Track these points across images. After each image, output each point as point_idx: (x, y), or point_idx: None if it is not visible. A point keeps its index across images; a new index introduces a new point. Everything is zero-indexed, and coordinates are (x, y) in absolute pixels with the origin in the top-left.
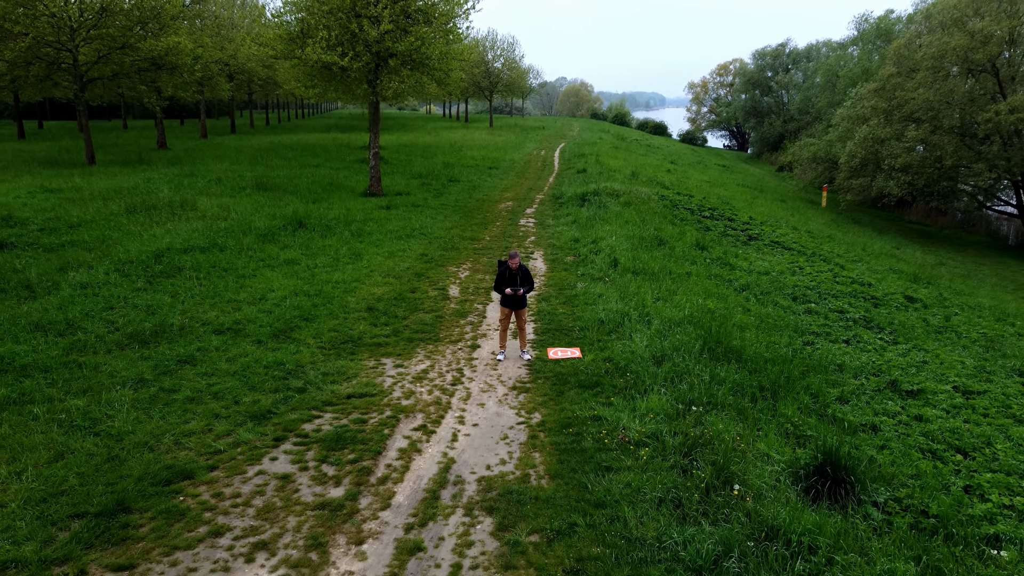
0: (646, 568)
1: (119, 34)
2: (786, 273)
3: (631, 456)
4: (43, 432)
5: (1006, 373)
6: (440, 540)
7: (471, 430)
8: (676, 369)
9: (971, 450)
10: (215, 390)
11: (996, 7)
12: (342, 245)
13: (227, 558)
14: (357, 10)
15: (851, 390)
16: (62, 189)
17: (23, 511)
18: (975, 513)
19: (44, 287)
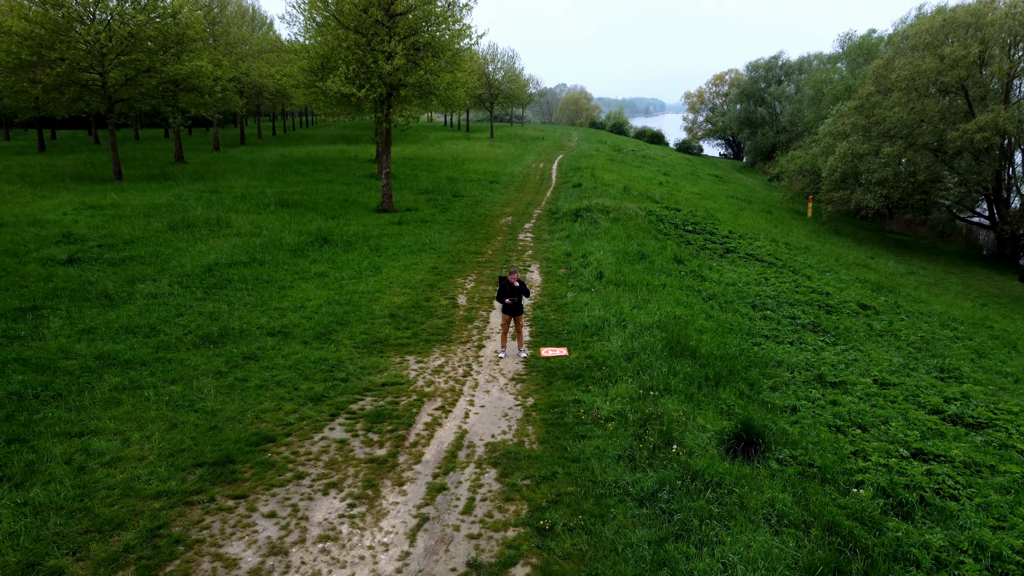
0: (604, 499)
1: (145, 58)
2: (752, 284)
3: (601, 428)
4: (156, 409)
5: (926, 369)
6: (458, 483)
7: (479, 410)
8: (642, 364)
9: (870, 426)
10: (277, 380)
11: (964, 33)
12: (363, 259)
13: (309, 492)
14: (372, 46)
15: (783, 381)
16: (103, 206)
17: (159, 462)
18: (852, 467)
19: (121, 297)
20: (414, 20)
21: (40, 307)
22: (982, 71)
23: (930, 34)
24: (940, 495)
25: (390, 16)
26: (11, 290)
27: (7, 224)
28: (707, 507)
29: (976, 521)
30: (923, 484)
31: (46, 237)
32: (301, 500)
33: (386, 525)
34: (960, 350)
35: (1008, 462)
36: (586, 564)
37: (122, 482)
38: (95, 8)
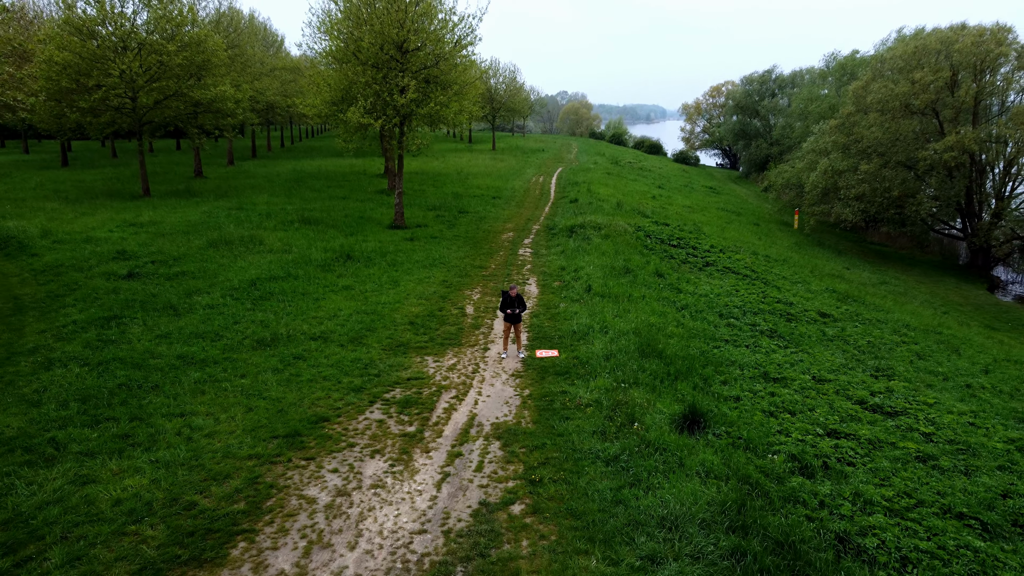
0: (580, 461)
1: (173, 84)
2: (723, 295)
3: (581, 411)
4: (233, 397)
5: (864, 369)
6: (471, 451)
7: (486, 399)
8: (617, 362)
9: (798, 412)
10: (323, 375)
11: (934, 59)
12: (382, 274)
13: (360, 456)
14: (388, 80)
15: (733, 377)
16: (143, 223)
17: (245, 435)
18: (774, 441)
19: (184, 308)
20: (424, 56)
21: (120, 316)
22: (953, 94)
23: (903, 59)
24: (840, 462)
25: (402, 52)
26: (88, 301)
27: (64, 241)
28: (655, 465)
29: (863, 480)
30: (828, 454)
31: (102, 253)
32: (354, 461)
33: (418, 479)
34: (903, 353)
35: (907, 441)
36: (564, 503)
37: (221, 448)
38: (128, 39)
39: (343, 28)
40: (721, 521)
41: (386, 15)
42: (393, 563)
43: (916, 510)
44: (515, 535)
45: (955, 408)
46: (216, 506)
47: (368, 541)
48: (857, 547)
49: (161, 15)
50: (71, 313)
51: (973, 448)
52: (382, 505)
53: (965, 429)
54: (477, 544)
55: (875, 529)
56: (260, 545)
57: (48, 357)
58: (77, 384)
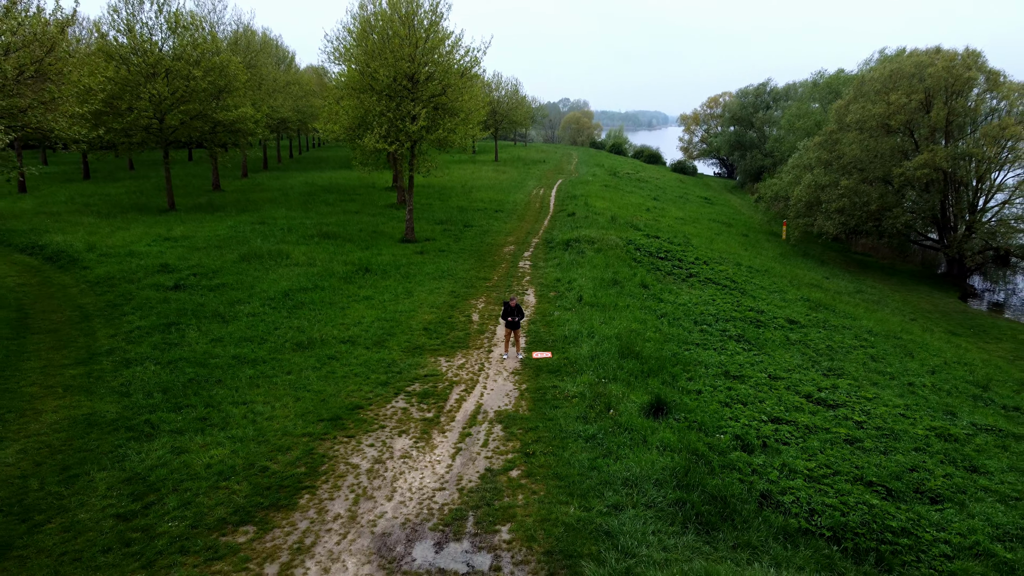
0: (565, 439)
1: (199, 106)
2: (700, 304)
3: (568, 401)
4: (283, 390)
5: (818, 369)
6: (478, 432)
7: (490, 392)
8: (600, 362)
9: (750, 403)
10: (354, 372)
11: (908, 83)
12: (398, 285)
13: (390, 435)
14: (401, 109)
15: (698, 374)
16: (176, 238)
17: (297, 418)
18: (723, 424)
19: (230, 316)
20: (433, 86)
21: (177, 323)
22: (927, 114)
23: (880, 81)
24: (777, 441)
25: (413, 82)
26: (145, 310)
27: (110, 255)
28: (623, 441)
29: (793, 455)
30: (768, 435)
31: (147, 267)
32: (386, 439)
33: (437, 452)
34: (858, 356)
35: (840, 427)
36: (551, 469)
37: (280, 428)
38: (157, 65)
39: (359, 59)
40: (671, 481)
41: (399, 49)
42: (420, 510)
43: (832, 478)
44: (513, 491)
45: (892, 402)
46: (283, 470)
47: (401, 495)
48: (777, 502)
49: (188, 42)
50: (133, 320)
51: (897, 433)
52: (410, 470)
53: (895, 419)
54: (484, 497)
55: (793, 489)
56: (320, 497)
57: (125, 357)
58: (155, 379)
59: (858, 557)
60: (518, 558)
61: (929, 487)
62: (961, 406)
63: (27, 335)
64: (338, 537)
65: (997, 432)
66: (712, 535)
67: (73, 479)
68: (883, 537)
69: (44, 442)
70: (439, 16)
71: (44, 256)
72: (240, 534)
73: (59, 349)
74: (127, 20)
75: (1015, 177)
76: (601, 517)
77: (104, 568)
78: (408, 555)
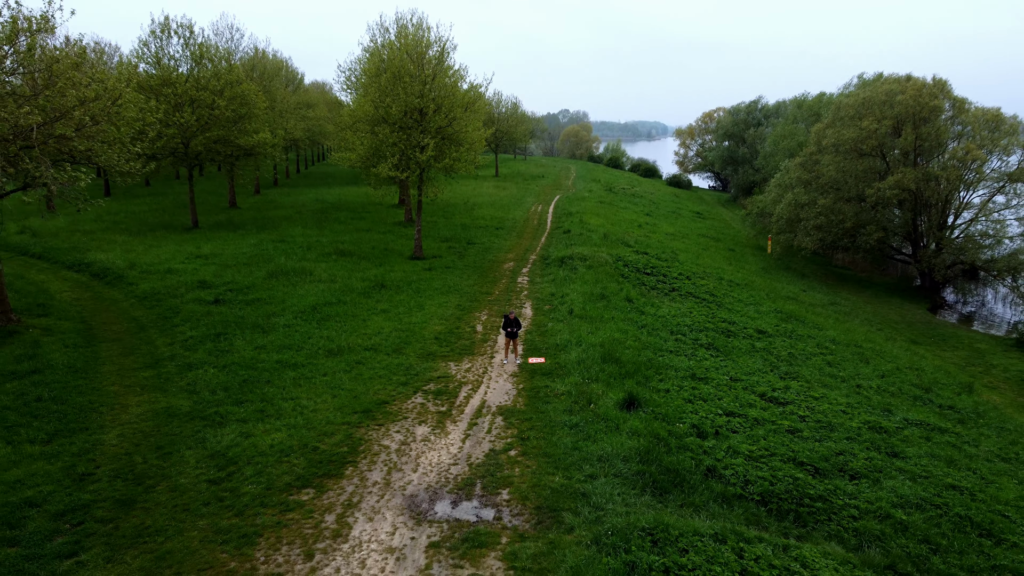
0: (554, 427)
1: (222, 132)
2: (678, 316)
3: (557, 398)
4: (322, 388)
5: (776, 373)
6: (483, 422)
7: (493, 390)
8: (586, 366)
9: (710, 400)
10: (379, 375)
11: (879, 110)
12: (410, 300)
13: (413, 424)
14: (411, 140)
15: (668, 376)
16: (205, 255)
17: (336, 411)
18: (685, 416)
19: (268, 327)
20: (441, 119)
21: (224, 333)
22: (899, 138)
23: (854, 108)
24: (728, 430)
25: (422, 115)
26: (193, 321)
27: (150, 272)
28: (600, 428)
29: (739, 440)
30: (721, 425)
31: (187, 283)
32: (409, 426)
33: (450, 437)
34: (816, 362)
35: (784, 420)
36: (542, 450)
37: (323, 418)
38: (183, 96)
39: (373, 95)
40: (635, 458)
41: (410, 86)
42: (439, 479)
43: (768, 458)
44: (511, 466)
45: (836, 401)
46: (330, 449)
47: (423, 468)
48: (720, 475)
49: (211, 73)
50: (185, 331)
51: (834, 425)
52: (429, 450)
53: (835, 414)
54: (488, 469)
55: (734, 465)
56: (360, 469)
57: (186, 362)
58: (215, 379)
59: (780, 515)
60: (515, 512)
61: (851, 467)
62: (900, 405)
63: (96, 343)
64: (377, 497)
65: (925, 426)
66: (664, 497)
67: (168, 455)
68: (802, 501)
69: (136, 429)
70: (446, 54)
71: (91, 273)
72: (303, 494)
73: (127, 355)
74: (156, 54)
75: (980, 196)
76: (579, 483)
77: (207, 516)
78: (431, 510)
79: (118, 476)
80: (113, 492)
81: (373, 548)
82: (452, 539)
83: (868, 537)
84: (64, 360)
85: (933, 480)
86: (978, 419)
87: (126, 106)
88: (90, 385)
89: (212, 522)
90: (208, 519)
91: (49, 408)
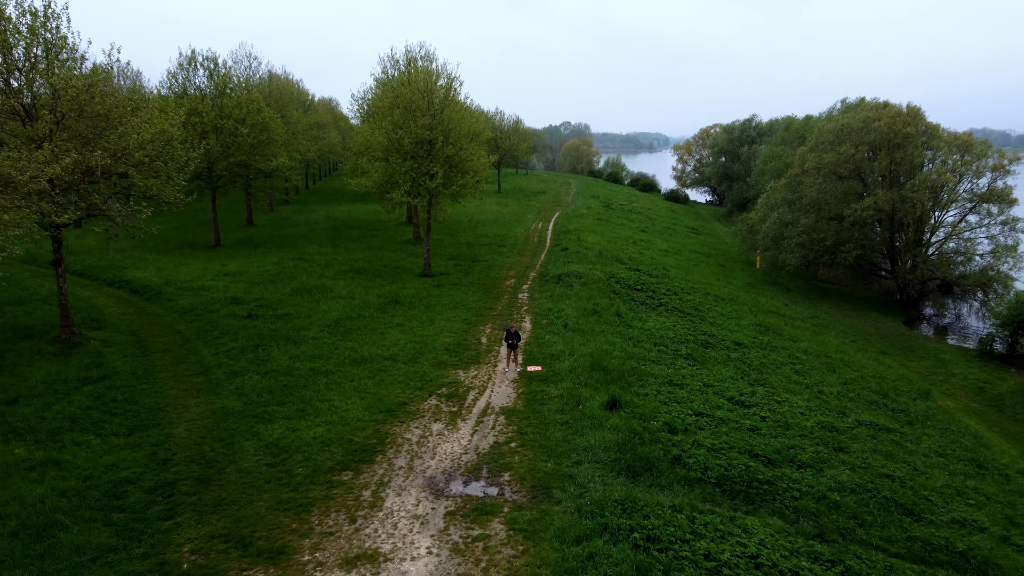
0: (548, 424)
1: (243, 157)
2: (662, 329)
3: (552, 400)
4: (351, 392)
5: (746, 380)
6: (488, 420)
7: (496, 394)
8: (576, 373)
9: (682, 402)
10: (398, 381)
11: (857, 136)
12: (422, 314)
13: (429, 421)
14: (421, 169)
15: (648, 382)
16: (232, 273)
17: (364, 411)
18: (659, 416)
19: (299, 339)
20: (449, 149)
21: (261, 344)
22: (875, 162)
23: (833, 134)
24: (695, 427)
25: (431, 146)
26: (232, 334)
27: (185, 289)
28: (587, 424)
29: (704, 436)
30: (690, 423)
31: (220, 299)
32: (426, 423)
33: (461, 432)
34: (785, 371)
35: (747, 419)
36: (537, 442)
37: (354, 417)
38: (208, 124)
39: (387, 128)
40: (614, 448)
41: (420, 119)
42: (453, 464)
43: (728, 450)
44: (511, 455)
45: (797, 404)
46: (362, 441)
47: (440, 456)
48: (684, 463)
49: (234, 103)
50: (226, 343)
51: (790, 425)
52: (444, 442)
53: (793, 416)
54: (493, 457)
55: (698, 455)
56: (388, 456)
57: (232, 369)
58: (259, 384)
59: (733, 495)
60: (514, 489)
61: (800, 459)
62: (855, 408)
63: (150, 354)
64: (403, 478)
65: (874, 426)
66: (636, 479)
67: (230, 445)
68: (752, 484)
69: (199, 424)
70: (453, 90)
71: (131, 290)
72: (344, 475)
73: (178, 364)
74: (183, 84)
75: (953, 216)
76: (567, 468)
77: (269, 490)
78: (447, 487)
79: (193, 461)
80: (191, 473)
81: (402, 515)
82: (464, 509)
83: (805, 513)
84: (127, 368)
85: (870, 470)
86: (926, 421)
87: (175, 144)
88: (153, 389)
89: (274, 495)
90: (270, 493)
91: (124, 408)
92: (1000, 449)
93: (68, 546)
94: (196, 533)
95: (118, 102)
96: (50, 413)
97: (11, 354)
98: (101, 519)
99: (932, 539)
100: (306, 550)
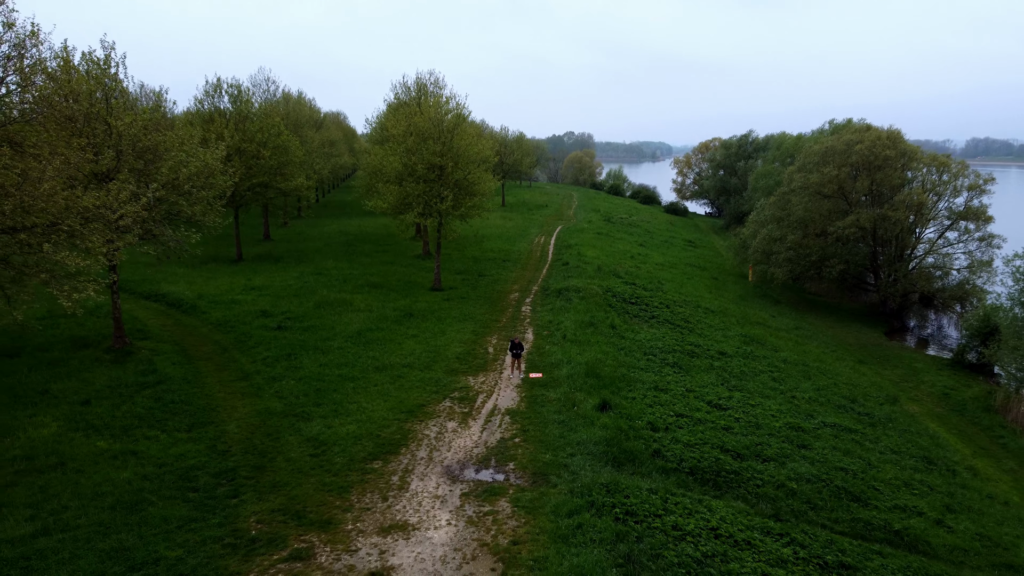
0: (547, 423)
1: (265, 178)
2: (652, 340)
3: (551, 403)
4: (375, 395)
5: (725, 386)
6: (495, 420)
7: (502, 397)
8: (573, 379)
9: (667, 405)
10: (416, 385)
11: (839, 159)
12: (434, 326)
13: (444, 420)
14: (432, 192)
15: (636, 388)
16: (258, 287)
17: (388, 411)
18: (644, 416)
19: (325, 349)
20: (458, 174)
21: (292, 353)
22: (856, 183)
23: (818, 155)
24: (675, 426)
25: (442, 170)
26: (265, 345)
27: (217, 303)
28: (580, 423)
29: (684, 434)
30: (671, 423)
31: (251, 312)
32: (442, 422)
33: (471, 429)
34: (763, 378)
35: (721, 420)
36: (538, 438)
37: (380, 416)
38: (232, 148)
39: (400, 155)
40: (603, 443)
41: (432, 146)
42: (466, 455)
43: (702, 446)
44: (516, 448)
45: (769, 408)
46: (388, 436)
47: (455, 448)
48: (663, 455)
49: (258, 128)
50: (260, 352)
51: (761, 425)
52: (458, 438)
53: (765, 417)
54: (499, 450)
55: (675, 449)
56: (411, 449)
57: (270, 375)
58: (296, 388)
59: (704, 482)
60: (518, 476)
61: (765, 454)
62: (824, 412)
63: (194, 361)
64: (424, 466)
65: (838, 428)
66: (621, 468)
67: (276, 439)
68: (720, 474)
69: (247, 422)
70: (461, 119)
71: (167, 303)
72: (375, 464)
73: (221, 371)
74: (209, 111)
75: (932, 232)
76: (563, 459)
77: (314, 475)
78: (462, 474)
79: (247, 452)
80: (247, 461)
81: (425, 496)
82: (476, 491)
83: (765, 498)
84: (177, 374)
85: (827, 464)
86: (888, 423)
87: (216, 176)
88: (203, 392)
89: (319, 479)
90: (315, 477)
91: (181, 408)
92: (954, 448)
93: (157, 517)
94: (258, 508)
95: (166, 139)
96: (119, 412)
97: (74, 361)
98: (179, 497)
99: (873, 520)
100: (349, 521)
